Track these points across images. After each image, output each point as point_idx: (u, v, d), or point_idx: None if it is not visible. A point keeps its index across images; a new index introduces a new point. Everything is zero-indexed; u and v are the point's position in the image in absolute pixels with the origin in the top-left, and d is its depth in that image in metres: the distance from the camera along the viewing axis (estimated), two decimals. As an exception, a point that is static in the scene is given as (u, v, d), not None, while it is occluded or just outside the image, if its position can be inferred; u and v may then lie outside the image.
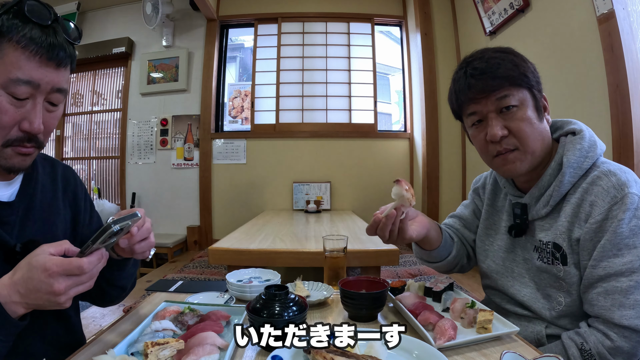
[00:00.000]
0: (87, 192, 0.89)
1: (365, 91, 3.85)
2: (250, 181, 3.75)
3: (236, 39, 4.65)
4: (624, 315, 0.69)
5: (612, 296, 0.71)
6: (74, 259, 0.55)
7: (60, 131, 4.11)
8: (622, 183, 0.73)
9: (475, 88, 0.80)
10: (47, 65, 0.61)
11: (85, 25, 4.02)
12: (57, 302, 0.54)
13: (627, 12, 1.67)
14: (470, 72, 0.81)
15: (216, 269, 2.61)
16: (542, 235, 0.83)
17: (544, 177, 0.82)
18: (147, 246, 0.70)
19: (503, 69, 0.79)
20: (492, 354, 0.65)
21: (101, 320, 2.05)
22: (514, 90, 0.79)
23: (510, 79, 0.78)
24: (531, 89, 0.80)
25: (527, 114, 0.79)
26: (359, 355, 0.58)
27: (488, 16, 2.79)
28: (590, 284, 0.75)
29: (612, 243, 0.71)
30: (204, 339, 0.62)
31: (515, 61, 0.80)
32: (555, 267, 0.80)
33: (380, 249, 1.62)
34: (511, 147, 0.81)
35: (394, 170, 3.74)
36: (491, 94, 0.79)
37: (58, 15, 0.63)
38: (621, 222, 0.70)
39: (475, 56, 0.83)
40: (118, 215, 0.60)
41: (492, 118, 0.80)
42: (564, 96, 2.03)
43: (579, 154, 0.79)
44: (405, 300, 0.82)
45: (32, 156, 0.67)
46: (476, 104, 0.82)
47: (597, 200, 0.74)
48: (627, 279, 0.70)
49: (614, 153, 1.67)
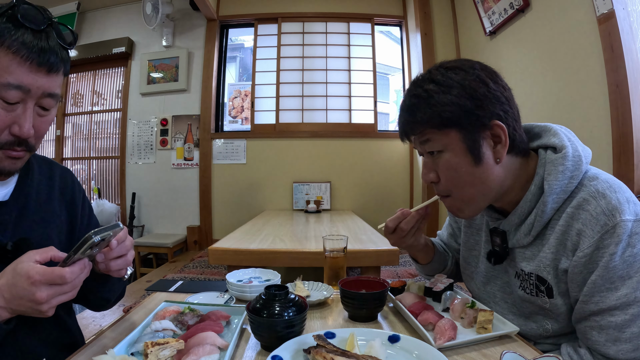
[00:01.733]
0: (86, 194, 0.89)
1: (365, 91, 3.85)
2: (250, 181, 3.75)
3: (236, 39, 4.65)
4: (620, 350, 0.64)
5: (607, 331, 0.65)
6: (56, 269, 0.55)
7: (60, 131, 4.11)
8: (612, 208, 0.64)
9: (402, 128, 0.76)
10: (38, 71, 0.60)
11: (85, 25, 4.02)
12: (39, 310, 0.54)
13: (627, 12, 1.67)
14: (401, 107, 0.75)
15: (216, 269, 2.61)
16: (524, 264, 0.76)
17: (523, 203, 0.73)
18: (124, 264, 0.67)
19: (420, 113, 0.70)
20: (492, 354, 0.64)
21: (101, 320, 2.05)
22: (436, 133, 0.70)
23: (428, 123, 0.70)
24: (460, 129, 0.68)
25: (452, 161, 0.70)
26: (359, 355, 0.58)
27: (488, 16, 2.79)
28: (582, 317, 0.69)
29: (604, 278, 0.64)
30: (204, 339, 0.62)
31: (436, 100, 0.68)
32: (540, 299, 0.73)
33: (380, 249, 1.62)
34: (443, 193, 0.75)
35: (394, 170, 3.74)
36: (415, 137, 0.74)
37: (53, 20, 0.63)
38: (614, 256, 0.63)
39: (410, 87, 0.74)
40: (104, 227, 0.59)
41: (425, 158, 0.75)
42: (564, 96, 2.03)
43: (562, 177, 0.69)
44: (405, 300, 0.82)
45: (22, 159, 0.67)
46: (410, 141, 0.77)
47: (585, 230, 0.65)
48: (622, 312, 0.64)
49: (614, 153, 1.67)
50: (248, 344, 0.69)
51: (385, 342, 0.65)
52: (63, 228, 0.80)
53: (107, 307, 0.88)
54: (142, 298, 1.82)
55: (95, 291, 0.79)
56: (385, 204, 3.70)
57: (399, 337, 0.66)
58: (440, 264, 1.02)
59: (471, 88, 0.68)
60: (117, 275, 0.69)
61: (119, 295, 0.88)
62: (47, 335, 0.74)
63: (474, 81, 0.68)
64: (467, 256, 0.94)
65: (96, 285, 0.77)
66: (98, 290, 0.79)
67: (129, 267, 0.70)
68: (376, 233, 2.05)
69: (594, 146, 0.80)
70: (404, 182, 3.76)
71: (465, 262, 0.95)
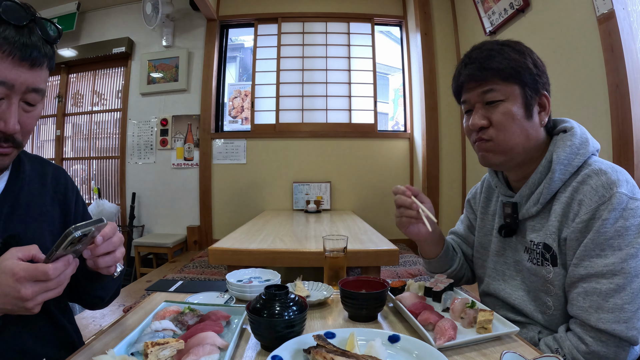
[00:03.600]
0: (79, 193, 0.89)
1: (365, 91, 3.85)
2: (250, 181, 3.75)
3: (236, 39, 4.65)
4: (601, 319, 0.68)
5: (591, 297, 0.70)
6: (39, 265, 0.54)
7: (60, 131, 4.11)
8: (611, 182, 0.71)
9: (467, 78, 0.83)
10: (20, 66, 0.61)
11: (85, 25, 4.02)
12: (25, 308, 0.54)
13: (627, 12, 1.67)
14: (465, 62, 0.84)
15: (216, 269, 2.61)
16: (533, 236, 0.82)
17: (534, 175, 0.82)
18: (112, 261, 0.66)
19: (494, 62, 0.79)
20: (492, 354, 0.64)
21: (101, 320, 2.05)
22: (502, 84, 0.79)
23: (499, 72, 0.79)
24: (523, 85, 0.79)
25: (511, 109, 0.79)
26: (359, 355, 0.58)
27: (488, 16, 2.79)
28: (572, 282, 0.74)
29: (595, 242, 0.70)
30: (204, 339, 0.62)
31: (510, 56, 0.79)
32: (545, 268, 0.79)
33: (380, 249, 1.62)
34: (486, 137, 0.82)
35: (394, 170, 3.74)
36: (479, 86, 0.81)
37: (36, 15, 0.63)
38: (606, 222, 0.69)
39: (477, 46, 0.84)
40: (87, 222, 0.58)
41: (478, 108, 0.82)
42: (564, 96, 2.03)
43: (569, 151, 0.78)
44: (405, 300, 0.82)
45: (10, 156, 0.67)
46: (467, 93, 0.84)
47: (585, 200, 0.73)
48: (608, 281, 0.68)
49: (614, 153, 1.67)
50: (248, 344, 0.69)
51: (385, 342, 0.65)
52: (55, 226, 0.80)
53: (101, 305, 0.88)
54: (142, 298, 1.82)
55: (87, 289, 0.79)
56: (385, 204, 3.70)
57: (399, 337, 0.66)
58: (446, 262, 1.02)
59: (535, 59, 0.81)
60: (107, 273, 0.68)
61: (113, 294, 0.88)
62: (40, 331, 0.74)
63: (536, 56, 0.82)
64: (482, 241, 0.99)
65: (88, 283, 0.77)
66: (90, 288, 0.79)
67: (118, 265, 0.69)
68: (376, 233, 2.05)
69: (597, 146, 0.84)
70: (404, 182, 3.76)
71: (481, 247, 1.00)
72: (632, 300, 0.68)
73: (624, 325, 0.67)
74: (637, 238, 0.69)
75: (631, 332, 0.67)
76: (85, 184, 4.15)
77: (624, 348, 0.69)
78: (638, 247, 0.69)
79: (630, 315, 0.67)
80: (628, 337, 0.67)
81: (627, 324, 0.67)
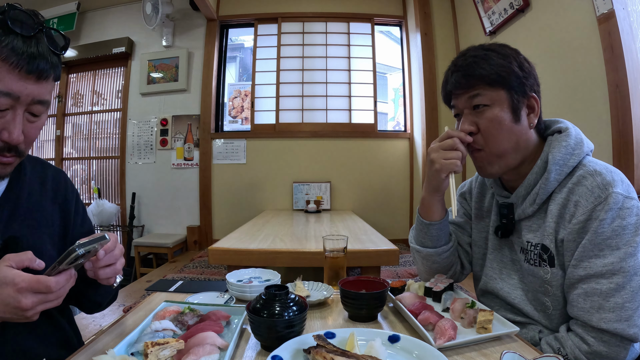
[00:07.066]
0: (79, 196, 0.89)
1: (365, 91, 3.85)
2: (250, 181, 3.75)
3: (236, 39, 4.65)
4: (603, 319, 0.68)
5: (592, 298, 0.70)
6: (42, 277, 0.55)
7: (60, 131, 4.11)
8: (606, 182, 0.71)
9: (454, 85, 0.84)
10: (27, 78, 0.60)
11: (85, 25, 4.02)
12: (24, 316, 0.55)
13: (627, 12, 1.67)
14: (452, 69, 0.85)
15: (216, 269, 2.62)
16: (529, 236, 0.83)
17: (530, 176, 0.82)
18: (112, 273, 0.67)
19: (479, 69, 0.79)
20: (492, 354, 0.64)
21: (101, 320, 2.05)
22: (488, 89, 0.79)
23: (484, 78, 0.79)
24: (510, 89, 0.79)
25: (497, 115, 0.79)
26: (359, 355, 0.58)
27: (488, 16, 2.79)
28: (571, 284, 0.74)
29: (593, 243, 0.70)
30: (204, 339, 0.62)
31: (495, 61, 0.79)
32: (543, 269, 0.79)
33: (380, 249, 1.62)
34: (477, 146, 0.83)
35: (394, 170, 3.74)
36: (466, 92, 0.82)
37: (44, 25, 0.63)
38: (603, 222, 0.69)
39: (462, 53, 0.85)
40: (90, 239, 0.59)
41: (467, 114, 0.83)
42: (564, 96, 2.03)
43: (565, 151, 0.78)
44: (405, 300, 0.82)
45: (12, 165, 0.67)
46: (455, 99, 0.85)
47: (581, 200, 0.73)
48: (608, 281, 0.69)
49: (614, 153, 1.67)
50: (248, 344, 0.69)
51: (385, 342, 0.65)
52: (55, 229, 0.80)
53: (99, 310, 0.89)
54: (142, 298, 1.82)
55: (86, 295, 0.80)
56: (385, 204, 3.70)
57: (399, 337, 0.66)
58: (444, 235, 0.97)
59: (521, 61, 0.81)
60: (106, 284, 0.69)
61: (110, 299, 0.88)
62: (40, 331, 0.74)
63: (522, 58, 0.82)
64: (478, 238, 0.99)
65: (87, 289, 0.77)
66: (89, 294, 0.80)
67: (118, 276, 0.70)
68: (376, 233, 2.05)
69: (594, 146, 0.84)
70: (404, 181, 3.76)
71: (477, 244, 1.00)
72: (632, 298, 0.68)
73: (626, 323, 0.67)
74: (635, 237, 0.69)
75: (632, 329, 0.68)
76: (85, 184, 4.15)
77: (625, 346, 0.69)
78: (636, 245, 0.69)
79: (631, 313, 0.68)
80: (629, 335, 0.68)
81: (629, 322, 0.68)
